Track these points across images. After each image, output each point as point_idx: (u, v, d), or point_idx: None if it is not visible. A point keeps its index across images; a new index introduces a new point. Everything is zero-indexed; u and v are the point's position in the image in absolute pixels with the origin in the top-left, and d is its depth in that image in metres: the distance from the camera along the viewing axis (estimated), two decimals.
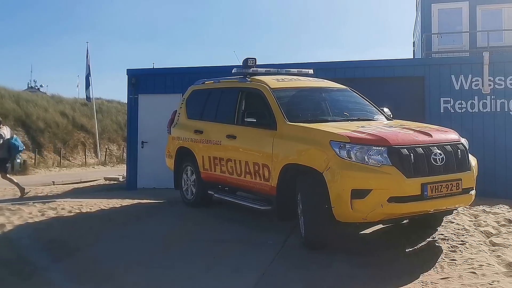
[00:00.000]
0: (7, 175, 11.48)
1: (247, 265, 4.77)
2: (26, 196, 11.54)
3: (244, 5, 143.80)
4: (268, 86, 6.30)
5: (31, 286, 4.43)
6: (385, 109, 6.73)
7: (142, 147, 12.71)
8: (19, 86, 48.95)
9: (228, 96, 7.08)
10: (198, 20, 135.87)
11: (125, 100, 43.40)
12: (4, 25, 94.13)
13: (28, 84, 55.85)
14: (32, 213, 7.13)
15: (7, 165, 11.27)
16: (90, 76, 27.35)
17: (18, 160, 27.53)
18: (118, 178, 19.62)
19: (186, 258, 5.06)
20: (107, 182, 19.32)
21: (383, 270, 4.53)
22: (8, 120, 31.88)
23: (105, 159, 35.69)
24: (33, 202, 8.27)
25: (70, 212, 7.35)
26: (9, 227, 6.25)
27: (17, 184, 11.70)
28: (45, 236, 5.88)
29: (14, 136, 11.95)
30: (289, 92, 6.45)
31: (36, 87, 55.12)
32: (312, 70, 7.51)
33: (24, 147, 13.86)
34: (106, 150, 37.23)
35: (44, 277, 4.58)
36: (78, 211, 7.41)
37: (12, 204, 8.15)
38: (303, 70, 7.47)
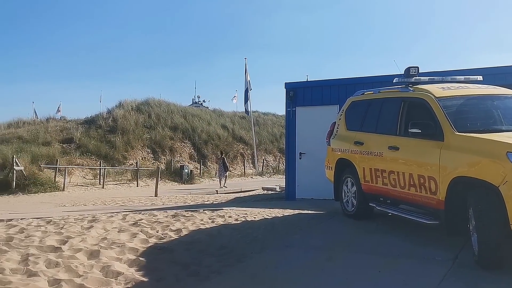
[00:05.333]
0: None
1: (416, 281, 4.60)
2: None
3: (397, 11, 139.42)
4: (433, 95, 6.05)
5: None
6: None
7: (300, 158, 12.99)
8: (185, 102, 53.38)
9: (390, 107, 6.95)
10: (352, 29, 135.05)
11: (280, 112, 44.88)
12: (170, 49, 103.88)
13: (192, 99, 60.88)
14: (203, 220, 7.72)
15: None
16: (249, 90, 28.73)
17: (186, 170, 30.38)
18: (275, 188, 20.27)
19: (350, 270, 5.05)
20: (265, 192, 20.07)
21: None
22: (177, 133, 35.06)
23: (262, 170, 37.20)
24: (203, 210, 8.96)
25: (236, 220, 7.81)
26: (184, 231, 6.80)
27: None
28: (216, 242, 6.28)
29: None
30: (457, 101, 6.10)
31: (200, 102, 59.72)
32: (480, 77, 7.03)
33: None
34: (263, 161, 38.79)
35: (218, 280, 4.88)
36: (244, 219, 7.84)
37: (185, 210, 8.91)
38: (470, 76, 7.03)
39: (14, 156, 22.21)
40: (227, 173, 25.77)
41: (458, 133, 5.43)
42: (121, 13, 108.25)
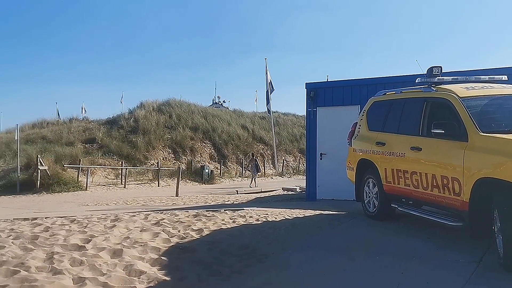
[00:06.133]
0: None
1: (439, 283, 4.55)
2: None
3: (419, 10, 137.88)
4: (456, 95, 5.98)
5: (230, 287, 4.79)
6: None
7: (321, 159, 12.94)
8: (205, 102, 53.71)
9: (412, 107, 6.89)
10: (371, 30, 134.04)
11: (300, 112, 44.81)
12: (191, 50, 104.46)
13: (213, 100, 61.19)
14: (224, 220, 7.74)
15: None
16: (270, 91, 28.72)
17: (207, 170, 30.62)
18: (295, 188, 20.25)
19: (372, 272, 5.02)
20: (285, 192, 20.06)
21: None
22: (197, 133, 35.25)
23: (282, 170, 37.16)
24: (225, 210, 8.99)
25: (257, 220, 7.82)
26: (206, 231, 6.82)
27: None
28: (237, 242, 6.29)
29: None
30: (481, 101, 6.01)
31: (220, 103, 59.95)
32: (505, 76, 6.92)
33: None
34: (283, 161, 38.73)
35: (240, 280, 4.90)
36: (265, 220, 7.84)
37: (207, 210, 8.96)
38: (495, 76, 6.92)
39: (39, 156, 22.61)
40: (258, 174, 26.08)
41: (482, 134, 5.35)
42: (142, 15, 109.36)
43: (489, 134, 5.31)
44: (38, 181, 21.79)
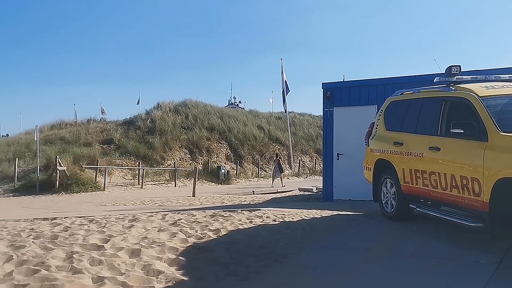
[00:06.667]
0: None
1: (459, 284, 4.49)
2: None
3: (436, 9, 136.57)
4: (476, 94, 5.90)
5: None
6: None
7: (337, 159, 12.89)
8: (221, 103, 53.87)
9: (430, 107, 6.82)
10: (387, 29, 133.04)
11: (316, 113, 44.61)
12: (207, 50, 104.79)
13: (229, 100, 61.39)
14: (241, 220, 7.76)
15: None
16: (285, 91, 28.65)
17: (223, 171, 30.76)
18: (312, 189, 20.19)
19: (390, 273, 4.98)
20: (302, 192, 20.02)
21: None
22: (214, 133, 35.36)
23: (298, 170, 37.06)
24: (241, 210, 9.00)
25: (274, 220, 7.81)
26: (223, 231, 6.85)
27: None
28: (254, 242, 6.29)
29: None
30: (501, 100, 5.92)
31: (236, 103, 60.07)
32: None
33: None
34: (299, 161, 38.64)
35: (257, 280, 4.90)
36: (282, 220, 7.84)
37: (223, 211, 8.98)
38: None
39: (57, 156, 22.89)
40: (281, 174, 26.54)
41: (503, 133, 5.28)
42: (159, 17, 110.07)
43: (510, 134, 5.24)
44: (57, 182, 22.05)
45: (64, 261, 5.05)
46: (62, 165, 22.51)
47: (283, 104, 29.09)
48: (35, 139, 22.75)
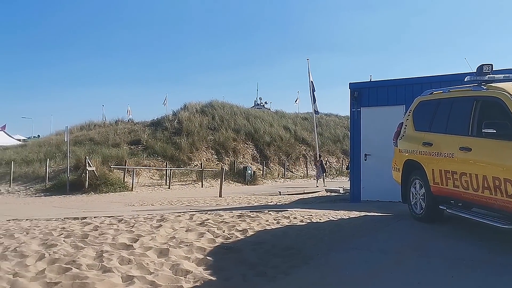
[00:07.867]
0: None
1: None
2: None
3: (466, 8, 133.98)
4: (509, 93, 5.76)
5: None
6: None
7: (365, 160, 12.77)
8: (247, 104, 53.95)
9: (461, 106, 6.69)
10: (416, 28, 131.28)
11: (342, 113, 44.40)
12: (233, 51, 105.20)
13: (255, 101, 61.49)
14: (268, 221, 7.75)
15: None
16: (313, 91, 28.48)
17: (249, 171, 30.89)
18: (339, 190, 20.08)
19: (420, 275, 4.89)
20: (328, 193, 19.92)
21: None
22: (240, 134, 35.46)
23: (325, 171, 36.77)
24: (268, 211, 8.99)
25: (301, 221, 7.78)
26: (250, 232, 6.84)
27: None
28: (282, 242, 6.26)
29: None
30: None
31: (262, 104, 60.09)
32: None
33: None
34: (325, 162, 38.41)
35: (285, 281, 4.87)
36: (309, 221, 7.80)
37: (250, 211, 8.98)
38: None
39: (87, 157, 23.29)
40: (324, 174, 27.17)
41: None
42: (185, 19, 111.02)
43: None
44: (87, 182, 22.44)
45: (94, 260, 5.12)
46: (91, 165, 22.90)
47: (313, 104, 28.83)
48: (65, 140, 23.21)
